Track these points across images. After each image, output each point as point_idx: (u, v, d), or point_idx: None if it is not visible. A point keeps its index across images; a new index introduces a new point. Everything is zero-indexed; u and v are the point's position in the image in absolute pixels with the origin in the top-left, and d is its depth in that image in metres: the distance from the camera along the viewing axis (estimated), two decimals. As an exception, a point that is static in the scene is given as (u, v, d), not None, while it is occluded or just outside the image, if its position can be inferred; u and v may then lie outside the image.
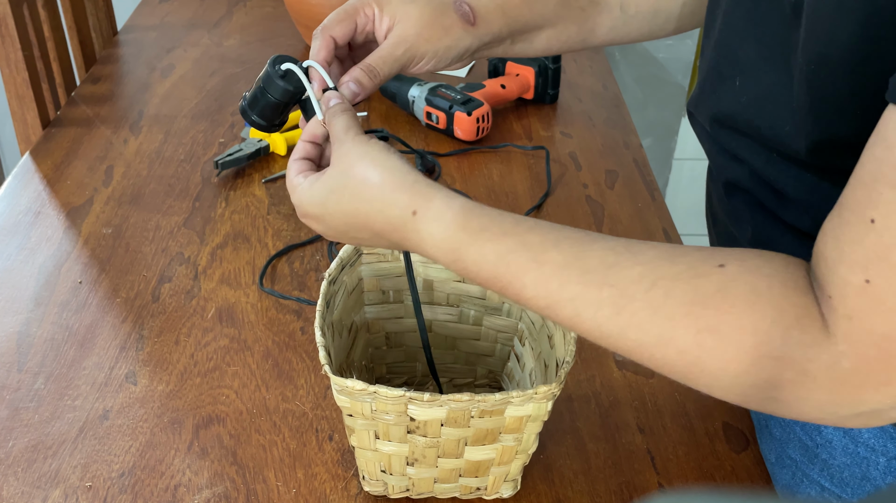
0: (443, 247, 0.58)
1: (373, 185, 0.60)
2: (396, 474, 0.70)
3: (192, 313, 0.92)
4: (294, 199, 0.65)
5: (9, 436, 0.77)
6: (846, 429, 0.72)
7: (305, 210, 0.64)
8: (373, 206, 0.60)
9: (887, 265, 0.47)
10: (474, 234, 0.58)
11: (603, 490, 0.75)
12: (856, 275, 0.49)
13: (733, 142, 0.71)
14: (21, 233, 1.02)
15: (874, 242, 0.48)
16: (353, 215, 0.61)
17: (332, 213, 0.63)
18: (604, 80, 1.42)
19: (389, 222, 0.60)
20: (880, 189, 0.47)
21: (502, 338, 0.81)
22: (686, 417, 0.82)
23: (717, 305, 0.52)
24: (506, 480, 0.72)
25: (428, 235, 0.59)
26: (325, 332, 0.68)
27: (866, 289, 0.48)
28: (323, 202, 0.63)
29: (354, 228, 0.62)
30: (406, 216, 0.59)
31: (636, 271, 0.54)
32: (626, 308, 0.54)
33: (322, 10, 1.37)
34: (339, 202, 0.62)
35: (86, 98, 1.30)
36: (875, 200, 0.47)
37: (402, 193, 0.59)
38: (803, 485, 0.77)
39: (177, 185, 1.12)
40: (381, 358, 0.83)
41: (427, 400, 0.63)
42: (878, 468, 0.71)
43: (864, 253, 0.48)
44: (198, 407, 0.81)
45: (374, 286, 0.80)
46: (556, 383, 0.64)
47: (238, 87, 1.34)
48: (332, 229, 0.64)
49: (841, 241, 0.50)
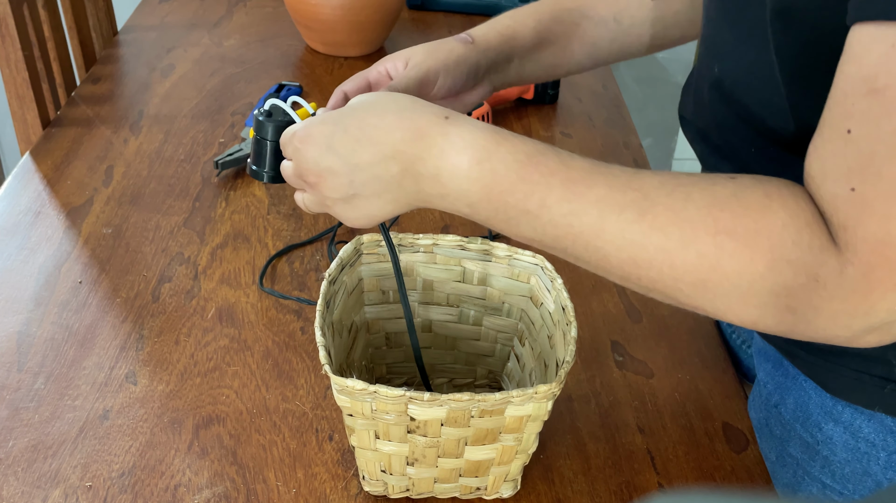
0: (474, 145, 0.58)
1: (402, 100, 0.61)
2: (396, 474, 0.70)
3: (192, 313, 0.92)
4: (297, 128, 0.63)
5: (9, 436, 0.77)
6: (846, 425, 0.72)
7: (310, 131, 0.62)
8: (401, 115, 0.60)
9: (869, 171, 0.49)
10: (506, 136, 0.59)
11: (603, 490, 0.75)
12: (841, 186, 0.51)
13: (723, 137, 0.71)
14: (21, 233, 1.02)
15: (853, 152, 0.50)
16: (374, 126, 0.60)
17: (348, 125, 0.61)
18: (604, 80, 1.42)
19: (417, 128, 0.59)
20: (852, 101, 0.49)
21: (502, 338, 0.81)
22: (686, 417, 0.83)
23: (733, 209, 0.53)
24: (506, 480, 0.72)
25: (458, 136, 0.58)
26: (326, 332, 0.68)
27: (853, 197, 0.50)
28: (337, 120, 0.61)
29: (364, 144, 0.60)
30: (438, 119, 0.59)
31: (657, 179, 0.56)
32: (649, 211, 0.54)
33: (322, 10, 1.37)
34: (364, 114, 0.61)
35: (86, 98, 1.30)
36: (849, 111, 0.49)
37: (434, 105, 0.61)
38: (804, 483, 0.78)
39: (177, 185, 1.12)
40: (381, 358, 0.83)
41: (427, 399, 0.63)
42: (879, 463, 0.72)
43: (845, 163, 0.50)
44: (198, 407, 0.81)
45: (374, 286, 0.80)
46: (556, 383, 0.64)
47: (238, 87, 1.34)
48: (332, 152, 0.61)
49: (823, 156, 0.52)
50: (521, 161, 0.57)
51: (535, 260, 0.75)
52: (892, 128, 0.48)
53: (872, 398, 0.70)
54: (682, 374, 0.87)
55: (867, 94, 0.48)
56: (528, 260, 0.76)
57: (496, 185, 0.57)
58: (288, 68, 1.41)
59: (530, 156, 0.57)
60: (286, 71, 1.41)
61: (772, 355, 0.81)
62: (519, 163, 0.57)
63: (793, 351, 0.76)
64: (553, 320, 0.72)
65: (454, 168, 0.58)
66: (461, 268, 0.79)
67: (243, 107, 1.29)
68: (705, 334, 0.92)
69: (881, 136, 0.48)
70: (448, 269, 0.79)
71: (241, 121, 1.26)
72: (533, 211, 0.57)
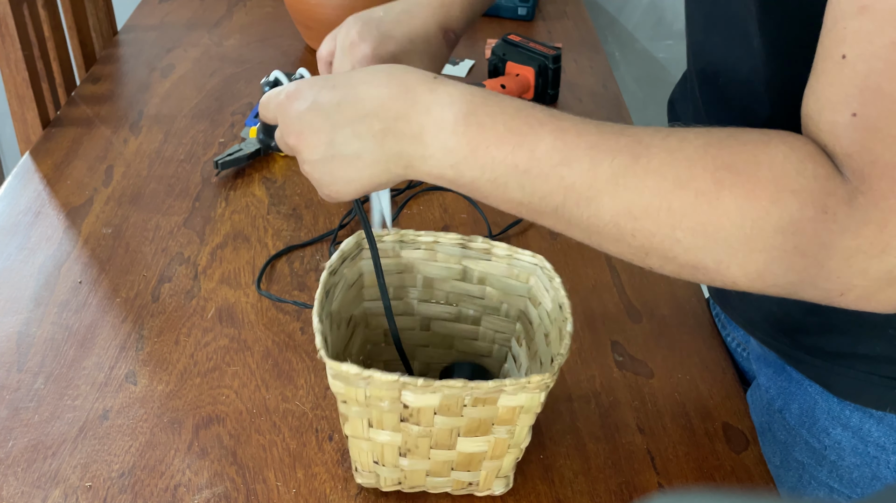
0: (461, 100, 0.56)
1: (394, 64, 0.62)
2: (389, 465, 0.70)
3: (192, 313, 0.92)
4: (286, 86, 0.62)
5: (9, 436, 0.77)
6: (855, 430, 0.72)
7: (299, 86, 0.61)
8: (391, 72, 0.58)
9: (869, 92, 0.47)
10: (493, 94, 0.57)
11: (603, 490, 0.75)
12: (841, 113, 0.48)
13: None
14: (21, 233, 1.02)
15: (850, 75, 0.47)
16: (361, 82, 0.58)
17: (336, 82, 0.59)
18: (604, 80, 1.42)
19: (403, 83, 0.57)
20: (844, 24, 0.47)
21: (500, 338, 0.81)
22: (686, 417, 0.82)
23: (731, 146, 0.51)
24: (498, 476, 0.72)
25: (445, 93, 0.57)
26: (323, 320, 0.68)
27: (855, 122, 0.47)
28: (326, 78, 0.60)
29: (349, 99, 0.58)
30: (426, 77, 0.58)
31: (651, 128, 0.54)
32: (643, 154, 0.52)
33: (322, 9, 1.37)
34: (355, 72, 0.60)
35: (86, 98, 1.30)
36: (841, 36, 0.47)
37: (422, 70, 0.60)
38: (811, 488, 0.77)
39: (177, 185, 1.12)
40: (378, 354, 0.83)
41: (421, 385, 0.63)
42: (889, 467, 0.71)
43: (843, 89, 0.48)
44: (198, 407, 0.81)
45: (374, 282, 0.80)
46: (549, 373, 0.64)
47: (238, 87, 1.34)
48: (316, 107, 0.59)
49: (820, 89, 0.50)
50: (510, 114, 0.55)
51: (535, 259, 0.75)
52: (887, 41, 0.45)
53: (882, 399, 0.69)
54: (682, 374, 0.87)
55: (857, 12, 0.46)
56: (528, 259, 0.76)
57: (483, 139, 0.55)
58: (288, 68, 1.41)
59: (519, 109, 0.55)
60: (286, 71, 1.40)
61: (772, 361, 0.81)
62: (507, 115, 0.55)
63: (795, 355, 0.75)
64: (550, 319, 0.72)
65: (440, 122, 0.56)
66: (461, 266, 0.79)
67: (243, 107, 1.29)
68: (705, 334, 0.92)
69: (877, 53, 0.46)
70: (448, 268, 0.79)
71: (241, 121, 1.26)
72: (521, 165, 0.54)
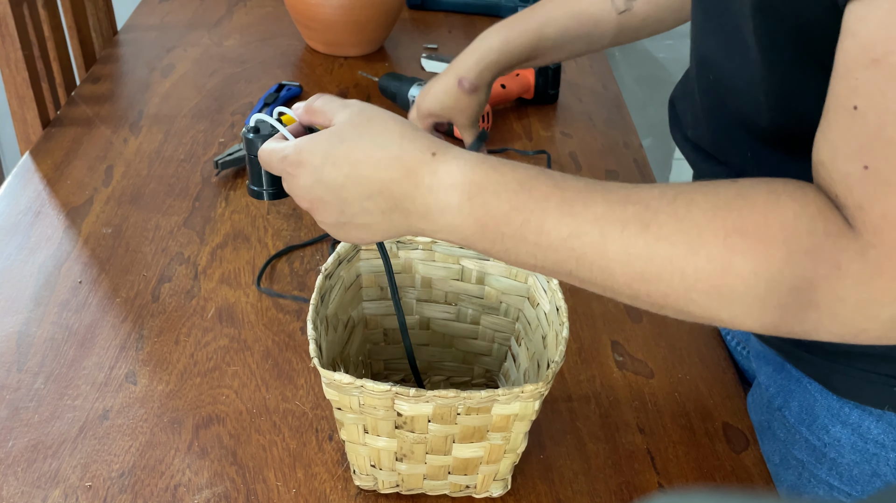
0: (462, 180, 0.56)
1: (392, 131, 0.59)
2: (386, 469, 0.70)
3: (192, 313, 0.92)
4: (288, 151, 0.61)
5: (9, 436, 0.77)
6: (854, 427, 0.72)
7: (301, 157, 0.60)
8: (389, 152, 0.58)
9: (880, 144, 0.47)
10: (495, 166, 0.57)
11: (603, 490, 0.75)
12: (853, 164, 0.48)
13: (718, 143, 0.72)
14: (21, 232, 1.02)
15: (862, 127, 0.47)
16: (361, 163, 0.58)
17: (337, 159, 0.59)
18: (604, 80, 1.42)
19: (404, 166, 0.57)
20: (855, 75, 0.47)
21: (499, 337, 0.81)
22: (686, 417, 0.82)
23: (740, 208, 0.51)
24: (495, 479, 0.72)
25: (446, 174, 0.57)
26: (318, 326, 0.68)
27: (867, 175, 0.47)
28: (327, 151, 0.59)
29: (352, 179, 0.58)
30: (425, 157, 0.57)
31: (656, 190, 0.54)
32: (652, 222, 0.52)
33: (322, 9, 1.37)
34: (352, 146, 0.59)
35: (86, 98, 1.30)
36: (853, 87, 0.47)
37: (423, 139, 0.58)
38: (810, 485, 0.77)
39: (177, 184, 1.12)
40: (378, 354, 0.83)
41: (413, 395, 0.63)
42: (889, 464, 0.71)
43: (855, 140, 0.48)
44: (198, 407, 0.81)
45: (373, 282, 0.80)
46: (542, 382, 0.64)
47: (238, 87, 1.34)
48: (322, 184, 0.59)
49: (832, 138, 0.50)
50: (513, 190, 0.55)
51: (535, 260, 0.75)
52: None
53: (881, 397, 0.70)
54: (682, 374, 0.87)
55: (869, 64, 0.46)
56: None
57: (490, 219, 0.56)
58: (288, 68, 1.41)
59: (522, 183, 0.55)
60: (286, 71, 1.41)
61: (772, 359, 0.81)
62: (511, 192, 0.55)
63: (795, 353, 0.75)
64: (548, 320, 0.72)
65: (445, 205, 0.57)
66: (459, 266, 0.79)
67: (243, 107, 1.29)
68: (705, 334, 0.92)
69: (889, 106, 0.46)
70: (447, 268, 0.79)
71: (241, 120, 1.26)
72: (531, 238, 0.55)
